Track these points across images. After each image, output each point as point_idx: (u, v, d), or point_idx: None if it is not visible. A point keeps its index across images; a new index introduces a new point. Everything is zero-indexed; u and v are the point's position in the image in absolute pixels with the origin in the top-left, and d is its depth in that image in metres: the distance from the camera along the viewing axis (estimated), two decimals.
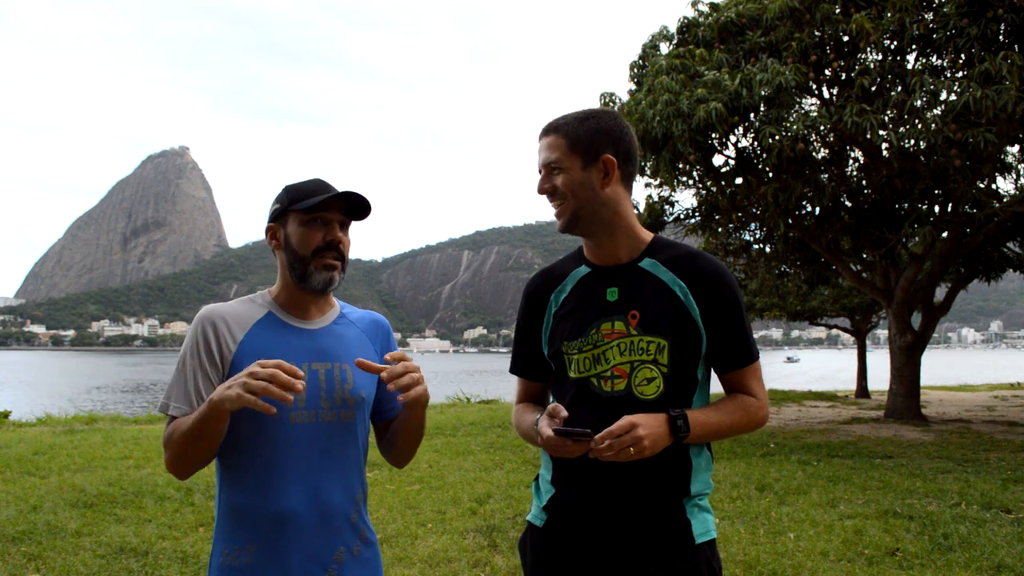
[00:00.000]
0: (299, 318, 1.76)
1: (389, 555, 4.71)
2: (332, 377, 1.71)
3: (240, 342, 1.69)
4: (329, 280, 1.72)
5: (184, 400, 1.65)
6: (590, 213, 1.72)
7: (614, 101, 12.00)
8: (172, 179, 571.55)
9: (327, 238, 1.71)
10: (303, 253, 1.71)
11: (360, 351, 1.78)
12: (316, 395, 1.68)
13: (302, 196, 1.72)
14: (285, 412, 1.64)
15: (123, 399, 36.08)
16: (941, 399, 18.66)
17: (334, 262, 1.72)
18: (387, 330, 1.89)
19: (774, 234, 12.99)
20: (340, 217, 1.74)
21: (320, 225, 1.72)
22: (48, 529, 5.17)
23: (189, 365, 1.67)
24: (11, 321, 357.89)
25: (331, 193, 1.71)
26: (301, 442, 1.65)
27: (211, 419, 1.53)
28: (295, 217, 1.72)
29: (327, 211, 1.72)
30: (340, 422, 1.71)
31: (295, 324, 1.75)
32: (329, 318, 1.80)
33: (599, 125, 1.72)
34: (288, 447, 1.65)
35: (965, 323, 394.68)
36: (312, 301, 1.77)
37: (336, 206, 1.73)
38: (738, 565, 4.49)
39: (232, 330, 1.70)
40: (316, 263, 1.71)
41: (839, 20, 9.84)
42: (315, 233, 1.71)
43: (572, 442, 1.58)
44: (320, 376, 1.70)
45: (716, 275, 1.70)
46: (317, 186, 1.75)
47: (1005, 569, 4.39)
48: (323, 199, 1.69)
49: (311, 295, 1.75)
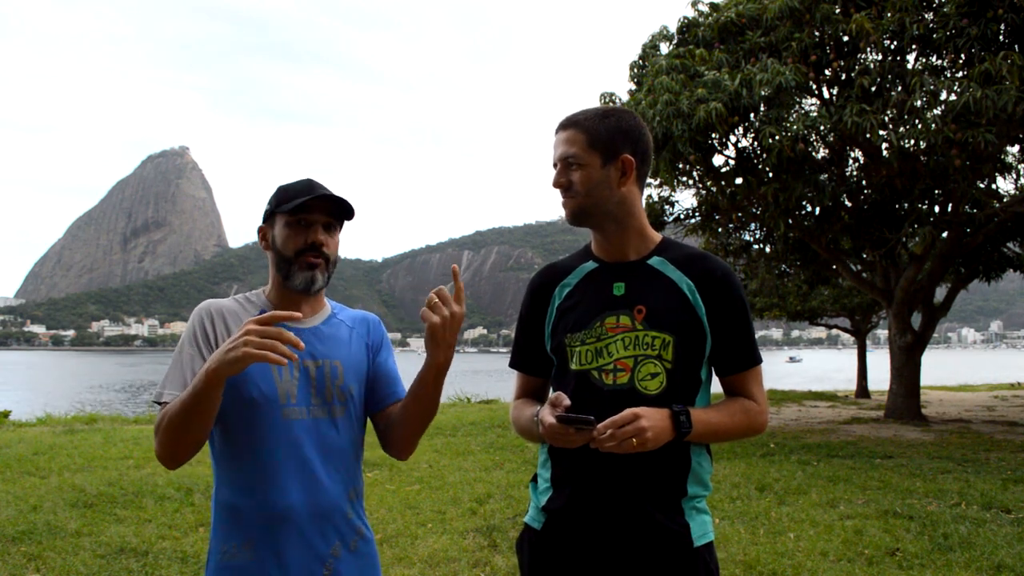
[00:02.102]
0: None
1: (389, 555, 4.71)
2: (323, 374, 1.74)
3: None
4: (311, 279, 1.75)
5: (180, 387, 1.64)
6: (603, 211, 1.73)
7: (614, 101, 11.99)
8: (172, 179, 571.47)
9: (309, 240, 1.74)
10: (286, 254, 1.75)
11: (350, 349, 1.81)
12: (307, 392, 1.71)
13: (288, 198, 1.76)
14: (278, 408, 1.67)
15: (123, 399, 36.08)
16: (941, 399, 18.65)
17: (315, 261, 1.74)
18: (379, 328, 1.92)
19: (774, 234, 12.99)
20: (324, 219, 1.76)
21: (303, 227, 1.75)
22: (48, 529, 5.17)
23: (187, 353, 1.68)
24: (11, 321, 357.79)
25: (312, 196, 1.73)
26: (294, 438, 1.67)
27: (207, 389, 1.50)
28: (281, 219, 1.76)
29: (310, 213, 1.75)
30: (332, 418, 1.73)
31: (287, 323, 1.76)
32: (320, 318, 1.83)
33: (619, 124, 1.73)
34: (282, 443, 1.66)
35: (965, 323, 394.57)
36: (303, 301, 1.80)
37: (320, 208, 1.75)
38: (738, 565, 4.49)
39: (229, 326, 1.73)
40: (299, 263, 1.74)
41: (839, 20, 9.84)
42: (298, 235, 1.74)
43: (574, 431, 1.56)
44: (311, 373, 1.73)
45: (724, 277, 1.71)
46: (303, 187, 1.77)
47: (1005, 569, 4.39)
48: (302, 202, 1.71)
49: (301, 295, 1.78)
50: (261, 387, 1.67)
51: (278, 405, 1.67)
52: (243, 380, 1.65)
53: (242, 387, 1.65)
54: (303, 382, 1.71)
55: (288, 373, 1.70)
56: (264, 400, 1.66)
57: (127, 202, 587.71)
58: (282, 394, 1.68)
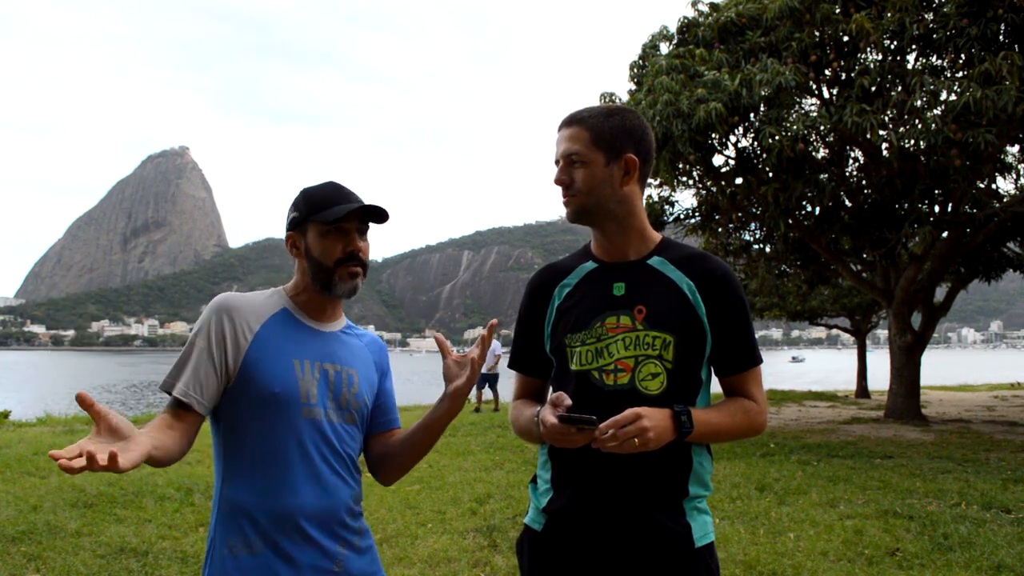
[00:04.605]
0: (314, 319, 1.79)
1: (389, 555, 4.71)
2: (340, 380, 1.74)
3: (256, 333, 1.70)
4: (353, 288, 1.76)
5: (193, 385, 1.63)
6: (605, 210, 1.72)
7: (614, 101, 12.00)
8: (172, 179, 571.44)
9: (348, 248, 1.73)
10: (326, 264, 1.73)
11: (364, 362, 1.83)
12: (324, 394, 1.71)
13: (321, 205, 1.73)
14: (299, 406, 1.67)
15: (123, 399, 36.07)
16: (941, 399, 18.66)
17: (357, 270, 1.75)
18: (385, 352, 1.96)
19: (774, 234, 12.99)
20: (358, 225, 1.76)
21: (340, 235, 1.73)
22: (48, 529, 5.17)
23: (199, 347, 1.66)
24: (11, 321, 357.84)
25: (351, 206, 1.72)
26: (311, 436, 1.68)
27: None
28: (315, 228, 1.74)
29: (346, 221, 1.74)
30: (344, 424, 1.74)
31: (309, 324, 1.78)
32: (339, 325, 1.84)
33: (623, 123, 1.72)
34: (299, 440, 1.66)
35: (965, 323, 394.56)
36: (330, 304, 1.81)
37: (354, 214, 1.75)
38: (738, 565, 4.49)
39: (249, 320, 1.71)
40: (340, 273, 1.73)
41: (839, 20, 9.84)
42: (336, 244, 1.73)
43: (576, 430, 1.55)
44: (330, 376, 1.73)
45: (725, 277, 1.71)
46: (335, 194, 1.75)
47: (1005, 569, 4.39)
48: (345, 213, 1.70)
49: (331, 300, 1.79)
50: (284, 383, 1.66)
51: (299, 403, 1.67)
52: (263, 376, 1.64)
53: (262, 383, 1.64)
54: (322, 384, 1.71)
55: (310, 372, 1.70)
56: (286, 397, 1.66)
57: (127, 202, 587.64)
58: (303, 392, 1.68)
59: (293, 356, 1.70)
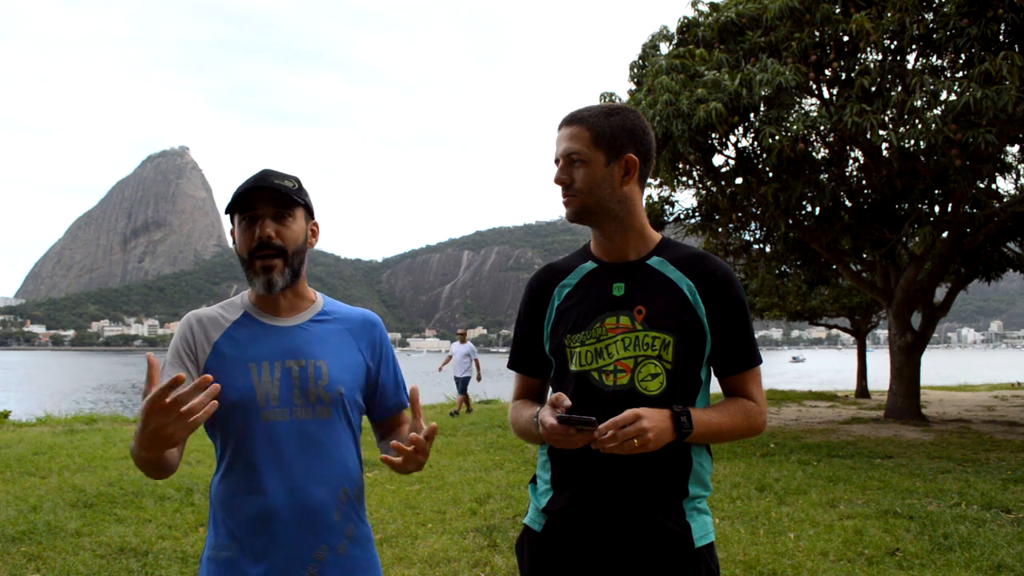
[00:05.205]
0: (273, 316, 1.74)
1: (389, 555, 4.71)
2: (306, 374, 1.68)
3: (214, 343, 1.69)
4: (268, 282, 1.66)
5: None
6: (604, 210, 1.71)
7: (614, 101, 12.00)
8: (172, 179, 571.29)
9: (257, 236, 1.64)
10: (244, 257, 1.68)
11: (337, 349, 1.74)
12: (289, 392, 1.66)
13: (233, 196, 1.65)
14: (257, 411, 1.64)
15: (123, 399, 36.06)
16: (941, 399, 18.65)
17: (269, 262, 1.64)
18: (378, 329, 1.85)
19: (774, 234, 13.00)
20: (272, 209, 1.65)
21: (252, 223, 1.65)
22: (48, 529, 5.17)
23: (169, 363, 1.67)
24: (11, 321, 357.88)
25: (240, 190, 1.63)
26: (276, 439, 1.64)
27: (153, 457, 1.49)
28: (235, 220, 1.70)
29: (253, 207, 1.64)
30: (316, 419, 1.68)
31: (269, 323, 1.73)
32: (305, 316, 1.76)
33: (624, 122, 1.71)
34: (264, 444, 1.64)
35: (965, 323, 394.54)
36: (283, 297, 1.74)
37: (264, 198, 1.64)
38: (738, 565, 4.49)
39: (208, 333, 1.70)
40: (254, 266, 1.65)
41: (839, 20, 9.84)
42: (248, 233, 1.65)
43: (575, 432, 1.55)
44: (294, 373, 1.68)
45: (724, 277, 1.70)
46: (247, 181, 1.66)
47: (1005, 569, 4.39)
48: (234, 197, 1.62)
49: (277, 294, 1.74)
50: (240, 391, 1.64)
51: (257, 408, 1.63)
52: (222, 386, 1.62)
53: (221, 393, 1.60)
54: (286, 383, 1.66)
55: (268, 375, 1.66)
56: (243, 404, 1.63)
57: (127, 202, 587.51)
58: (261, 396, 1.64)
59: (251, 361, 1.67)
